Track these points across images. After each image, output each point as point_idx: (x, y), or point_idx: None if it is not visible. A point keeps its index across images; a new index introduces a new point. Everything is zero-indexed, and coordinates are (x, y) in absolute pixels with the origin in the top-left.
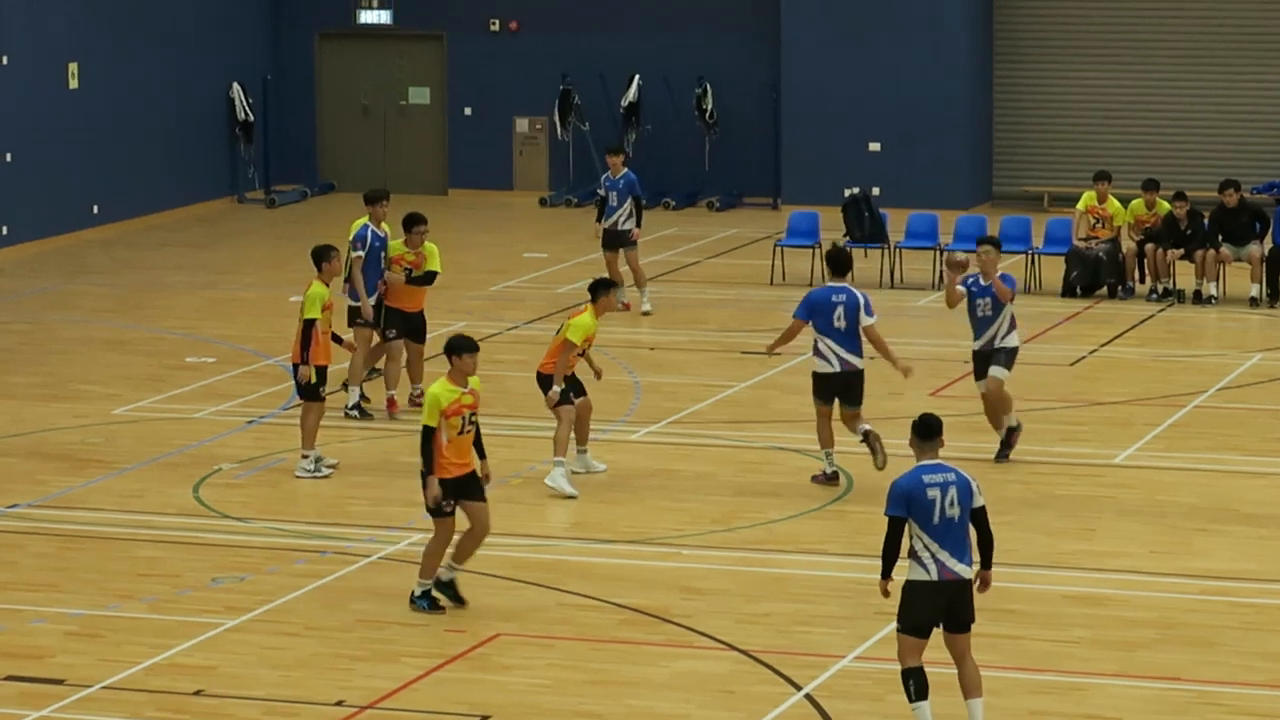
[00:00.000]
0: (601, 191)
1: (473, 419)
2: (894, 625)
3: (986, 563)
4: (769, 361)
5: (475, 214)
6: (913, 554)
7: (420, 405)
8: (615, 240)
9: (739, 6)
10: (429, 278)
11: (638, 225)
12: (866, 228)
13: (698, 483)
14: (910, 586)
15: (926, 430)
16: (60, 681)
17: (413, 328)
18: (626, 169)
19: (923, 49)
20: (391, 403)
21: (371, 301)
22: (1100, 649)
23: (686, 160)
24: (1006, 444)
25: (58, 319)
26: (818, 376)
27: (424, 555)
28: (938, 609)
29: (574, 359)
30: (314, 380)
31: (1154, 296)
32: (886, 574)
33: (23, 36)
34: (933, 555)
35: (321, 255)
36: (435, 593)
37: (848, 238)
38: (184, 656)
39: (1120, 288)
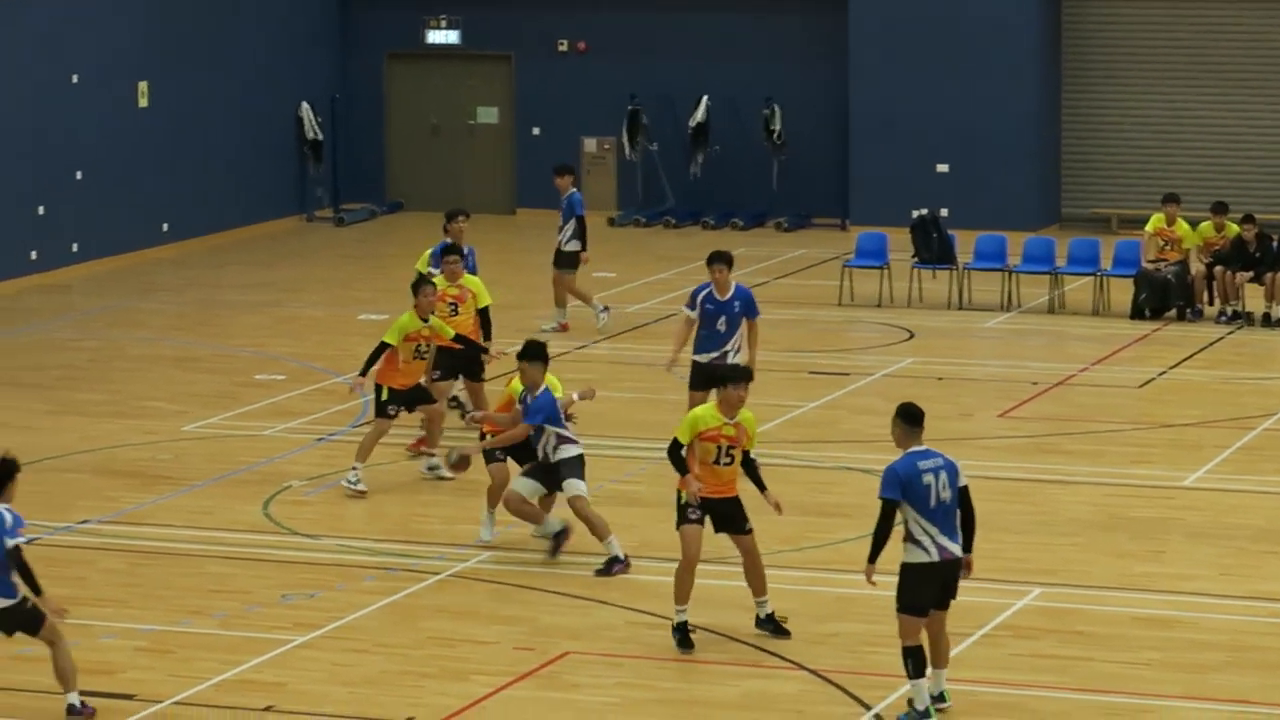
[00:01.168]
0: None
1: (731, 451)
2: (966, 643)
3: (969, 546)
4: (838, 382)
5: (543, 234)
6: (910, 538)
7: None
8: (557, 260)
9: (807, 28)
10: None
11: (583, 247)
12: (934, 249)
13: (766, 503)
14: (911, 569)
15: (911, 418)
16: (131, 697)
17: (463, 364)
18: (574, 189)
19: (991, 71)
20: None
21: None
22: (1170, 671)
23: (755, 181)
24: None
25: (126, 337)
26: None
27: (675, 581)
28: (937, 588)
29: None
30: (384, 398)
31: (1223, 319)
32: (874, 558)
33: (93, 55)
34: (932, 539)
35: (415, 289)
36: (759, 630)
37: (916, 258)
38: (254, 673)
39: (1189, 310)
